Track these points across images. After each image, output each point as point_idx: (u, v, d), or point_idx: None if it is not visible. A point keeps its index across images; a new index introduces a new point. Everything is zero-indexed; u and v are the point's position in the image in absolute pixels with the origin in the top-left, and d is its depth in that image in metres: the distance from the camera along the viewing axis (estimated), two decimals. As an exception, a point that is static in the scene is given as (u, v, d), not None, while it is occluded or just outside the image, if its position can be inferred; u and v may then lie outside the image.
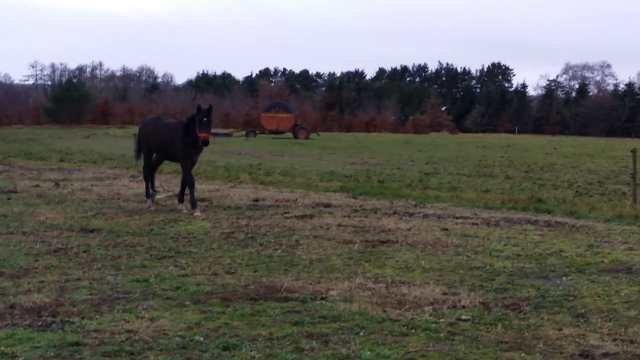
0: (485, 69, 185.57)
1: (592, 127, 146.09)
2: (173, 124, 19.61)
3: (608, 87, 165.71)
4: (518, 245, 14.36)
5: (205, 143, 18.25)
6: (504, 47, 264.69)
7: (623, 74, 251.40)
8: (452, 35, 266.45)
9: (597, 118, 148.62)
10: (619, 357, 7.67)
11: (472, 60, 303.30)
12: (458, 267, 12.12)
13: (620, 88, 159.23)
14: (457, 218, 18.01)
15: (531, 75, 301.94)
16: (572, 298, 10.17)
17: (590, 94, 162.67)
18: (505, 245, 14.21)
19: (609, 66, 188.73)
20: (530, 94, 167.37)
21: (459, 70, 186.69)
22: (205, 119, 18.23)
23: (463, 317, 9.05)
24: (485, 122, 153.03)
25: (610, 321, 9.02)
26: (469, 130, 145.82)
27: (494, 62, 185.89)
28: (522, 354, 7.68)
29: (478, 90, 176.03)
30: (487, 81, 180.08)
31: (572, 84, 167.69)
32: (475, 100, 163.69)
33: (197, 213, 17.82)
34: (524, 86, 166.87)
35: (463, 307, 9.54)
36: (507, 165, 43.01)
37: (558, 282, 11.21)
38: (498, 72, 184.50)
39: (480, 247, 14.02)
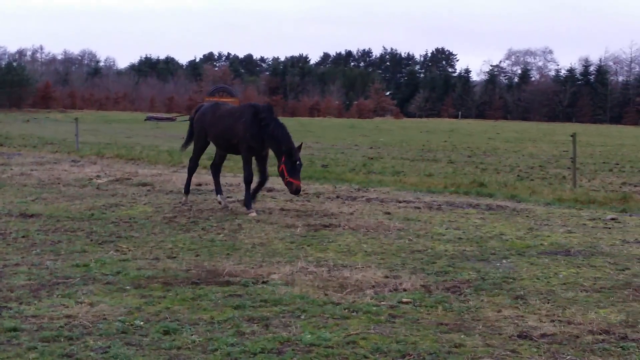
0: (429, 55, 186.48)
1: (534, 112, 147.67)
2: (237, 109, 17.23)
3: (550, 73, 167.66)
4: (459, 228, 14.47)
5: (297, 192, 15.69)
6: (447, 32, 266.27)
7: (564, 60, 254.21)
8: (396, 21, 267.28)
9: (539, 103, 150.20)
10: (556, 337, 7.76)
11: (416, 45, 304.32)
12: (400, 251, 12.18)
13: (561, 73, 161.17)
14: (399, 202, 18.09)
15: (474, 61, 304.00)
16: (511, 280, 10.28)
17: (533, 79, 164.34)
18: (447, 229, 14.30)
19: (550, 52, 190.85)
20: (474, 79, 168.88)
21: (403, 55, 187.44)
22: (298, 162, 15.65)
23: (404, 300, 9.10)
24: (429, 107, 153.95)
25: (548, 302, 9.13)
26: (412, 115, 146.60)
27: (437, 48, 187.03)
28: (462, 336, 7.74)
29: (422, 75, 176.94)
30: (431, 66, 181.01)
31: (515, 69, 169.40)
32: (419, 85, 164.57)
33: (253, 214, 15.75)
34: (467, 71, 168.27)
35: (404, 290, 9.59)
36: (450, 149, 43.28)
37: (498, 264, 11.32)
38: (442, 58, 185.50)
39: (422, 230, 14.09)
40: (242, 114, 16.52)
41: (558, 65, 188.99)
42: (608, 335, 7.87)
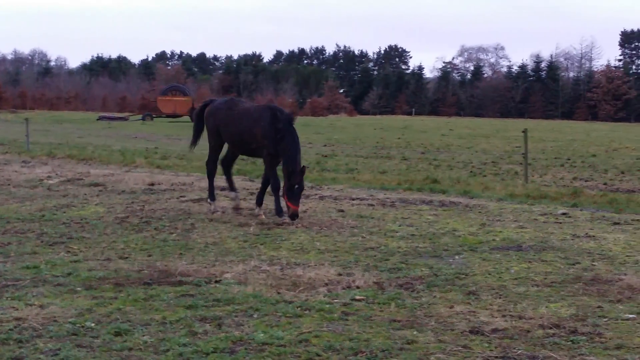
0: (383, 52, 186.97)
1: (487, 109, 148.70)
2: (255, 109, 15.92)
3: (502, 69, 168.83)
4: (412, 225, 14.52)
5: (295, 217, 14.50)
6: (400, 30, 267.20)
7: (516, 56, 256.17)
8: (349, 18, 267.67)
9: (491, 99, 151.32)
10: (507, 332, 7.82)
11: (370, 43, 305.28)
12: (353, 248, 12.20)
13: (513, 70, 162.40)
14: (353, 199, 18.12)
15: (427, 58, 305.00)
16: (464, 276, 10.34)
17: (485, 75, 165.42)
18: (400, 226, 14.35)
19: (502, 48, 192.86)
20: (427, 76, 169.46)
21: (356, 52, 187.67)
22: (297, 186, 14.75)
23: (357, 297, 9.11)
24: (383, 104, 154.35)
25: (500, 298, 9.21)
26: (366, 112, 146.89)
27: (390, 45, 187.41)
28: (415, 332, 7.77)
29: (375, 72, 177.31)
30: (385, 64, 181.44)
31: (467, 66, 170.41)
32: (373, 82, 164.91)
33: (287, 220, 14.66)
34: (420, 69, 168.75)
35: (357, 287, 9.61)
36: (404, 146, 43.43)
37: (451, 260, 11.38)
38: (395, 55, 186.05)
39: (375, 227, 14.13)
40: (261, 117, 15.36)
41: (510, 61, 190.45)
42: (558, 329, 7.95)
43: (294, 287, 9.54)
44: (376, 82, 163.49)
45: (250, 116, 15.56)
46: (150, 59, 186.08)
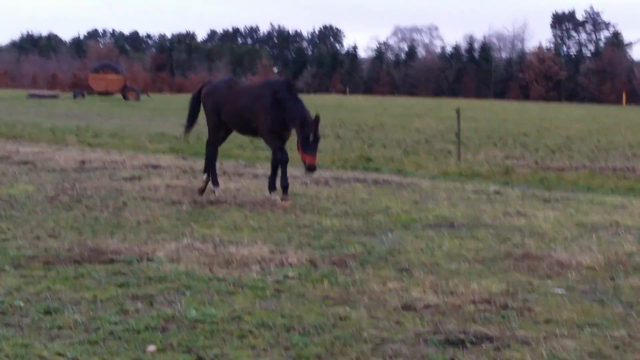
0: (317, 31, 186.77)
1: (420, 88, 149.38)
2: (256, 87, 15.48)
3: (436, 49, 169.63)
4: (346, 203, 14.56)
5: (312, 170, 14.27)
6: (335, 9, 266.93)
7: (450, 37, 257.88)
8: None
9: (425, 79, 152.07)
10: (439, 308, 7.88)
11: (304, 22, 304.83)
12: (286, 226, 12.19)
13: (447, 50, 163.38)
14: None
15: (362, 37, 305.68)
16: (396, 253, 10.40)
17: (419, 55, 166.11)
18: (333, 204, 14.37)
19: (436, 29, 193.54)
20: (361, 55, 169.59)
21: (290, 32, 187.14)
22: (312, 136, 14.15)
23: (290, 274, 9.11)
24: (317, 83, 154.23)
25: (432, 274, 9.27)
26: (301, 91, 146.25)
27: (325, 25, 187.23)
28: (347, 309, 7.79)
29: (310, 52, 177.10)
30: (319, 43, 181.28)
31: (402, 45, 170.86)
32: (307, 61, 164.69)
33: (289, 202, 14.23)
34: (354, 48, 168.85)
35: (290, 264, 9.60)
36: (338, 125, 43.42)
37: (384, 238, 11.43)
38: (329, 34, 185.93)
39: (309, 205, 14.13)
40: (262, 94, 14.73)
41: (444, 42, 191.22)
42: (489, 304, 8.04)
43: (227, 265, 9.49)
44: (310, 62, 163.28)
45: (250, 93, 15.08)
46: (82, 36, 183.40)
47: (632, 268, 9.80)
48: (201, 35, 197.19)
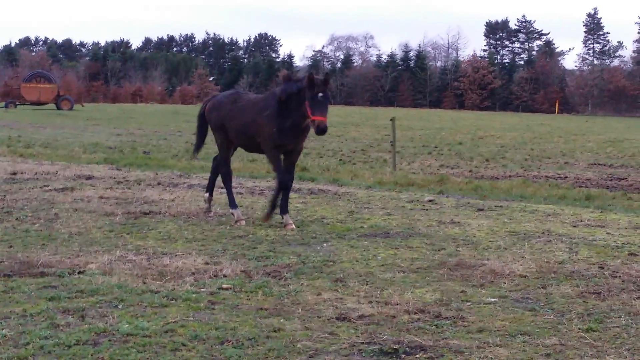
0: (253, 40, 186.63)
1: (357, 97, 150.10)
2: (260, 99, 14.28)
3: (371, 58, 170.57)
4: (281, 213, 14.50)
5: (323, 130, 12.87)
6: (270, 17, 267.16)
7: (385, 45, 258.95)
8: (218, 6, 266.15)
9: (361, 88, 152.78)
10: (374, 318, 7.89)
11: (239, 30, 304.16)
12: (221, 237, 12.12)
13: (383, 59, 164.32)
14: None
15: (298, 46, 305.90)
16: (331, 263, 10.39)
17: (355, 64, 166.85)
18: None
19: (372, 37, 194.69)
20: (297, 64, 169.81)
21: (226, 40, 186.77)
22: (321, 94, 12.96)
23: (224, 286, 9.04)
24: (254, 92, 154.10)
25: (367, 284, 9.28)
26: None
27: (260, 33, 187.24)
28: (281, 320, 7.76)
29: (246, 60, 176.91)
30: (255, 52, 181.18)
31: (337, 54, 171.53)
32: (243, 70, 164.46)
33: (291, 226, 13.20)
34: (290, 57, 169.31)
35: (224, 276, 9.53)
36: (274, 134, 43.31)
37: (319, 248, 11.42)
38: (265, 43, 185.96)
39: (243, 216, 14.05)
40: (267, 105, 13.71)
41: (379, 50, 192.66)
42: (423, 314, 8.07)
43: (161, 277, 9.39)
44: (246, 70, 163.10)
45: (254, 106, 14.01)
46: (13, 44, 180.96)
47: (563, 276, 9.91)
48: (136, 43, 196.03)
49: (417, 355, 6.86)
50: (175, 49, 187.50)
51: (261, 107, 13.82)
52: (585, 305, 8.58)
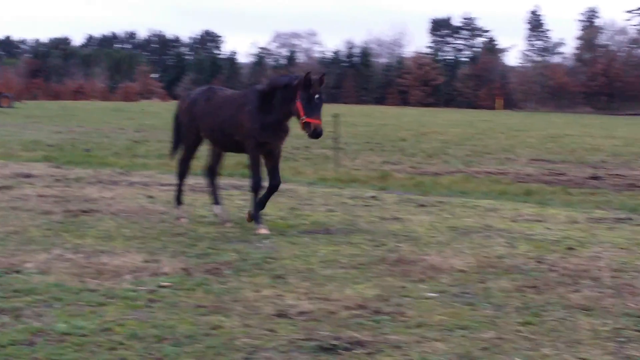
0: (196, 37, 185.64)
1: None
2: (239, 95, 13.54)
3: (316, 55, 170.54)
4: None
5: (319, 134, 12.50)
6: (214, 14, 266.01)
7: (330, 42, 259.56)
8: (161, 2, 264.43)
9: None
10: (313, 314, 7.89)
11: (183, 27, 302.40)
12: (161, 235, 12.02)
13: (327, 56, 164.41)
14: (163, 185, 17.88)
15: (242, 43, 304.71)
16: (272, 260, 10.36)
17: (299, 61, 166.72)
18: (209, 211, 14.23)
19: (316, 34, 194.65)
20: (241, 61, 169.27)
21: (169, 37, 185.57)
22: (317, 95, 12.42)
23: (163, 284, 8.97)
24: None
25: (307, 281, 9.27)
26: (177, 98, 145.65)
27: (204, 30, 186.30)
28: (220, 317, 7.72)
29: (189, 57, 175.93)
30: (198, 49, 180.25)
31: (281, 51, 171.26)
32: (187, 67, 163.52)
33: (264, 230, 12.51)
34: (234, 53, 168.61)
35: (164, 274, 9.46)
36: (217, 132, 43.16)
37: (259, 245, 11.39)
38: (209, 40, 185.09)
39: (185, 213, 13.96)
40: (247, 101, 12.96)
41: (323, 47, 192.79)
42: (363, 309, 8.09)
43: (99, 276, 9.29)
44: (190, 67, 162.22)
45: (233, 102, 13.24)
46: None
47: (502, 270, 10.01)
48: (78, 40, 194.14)
49: (356, 351, 6.87)
50: (117, 45, 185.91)
51: (241, 103, 13.06)
52: (523, 299, 8.67)
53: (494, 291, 8.98)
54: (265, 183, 13.09)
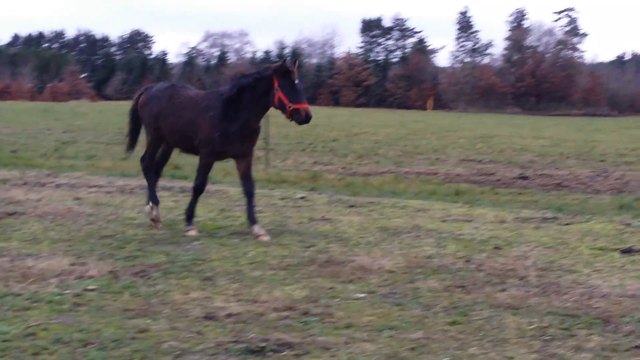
0: (126, 36, 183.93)
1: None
2: (202, 98, 12.94)
3: (247, 55, 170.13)
4: (151, 212, 14.29)
5: (309, 118, 12.03)
6: (144, 14, 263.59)
7: (261, 42, 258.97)
8: (89, 2, 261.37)
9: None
10: (241, 316, 7.85)
11: (112, 27, 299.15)
12: (88, 237, 11.85)
13: (258, 56, 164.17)
14: (91, 187, 17.66)
15: (172, 43, 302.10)
16: (201, 262, 10.29)
17: (230, 61, 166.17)
18: (138, 213, 14.10)
19: (247, 34, 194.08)
20: (172, 61, 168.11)
21: (98, 37, 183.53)
22: (297, 80, 12.06)
23: (90, 287, 8.85)
24: (127, 90, 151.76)
25: (236, 282, 9.23)
26: (110, 98, 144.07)
27: (134, 30, 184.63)
28: (148, 320, 7.64)
29: (118, 57, 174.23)
30: (128, 48, 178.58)
31: (213, 51, 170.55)
32: (116, 67, 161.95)
33: (193, 232, 12.34)
34: (164, 53, 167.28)
35: (91, 277, 9.33)
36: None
37: (188, 247, 11.31)
38: (138, 40, 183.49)
39: (112, 215, 13.82)
40: (210, 106, 12.49)
41: (255, 47, 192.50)
42: (291, 311, 8.08)
43: (24, 279, 9.12)
44: (119, 67, 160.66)
45: (195, 105, 12.70)
46: None
47: (431, 270, 10.08)
48: (4, 39, 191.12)
49: (284, 353, 6.85)
50: (45, 45, 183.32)
51: (203, 107, 12.56)
52: (451, 298, 8.74)
53: (423, 291, 9.03)
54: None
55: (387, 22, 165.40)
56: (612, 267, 10.53)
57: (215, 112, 12.31)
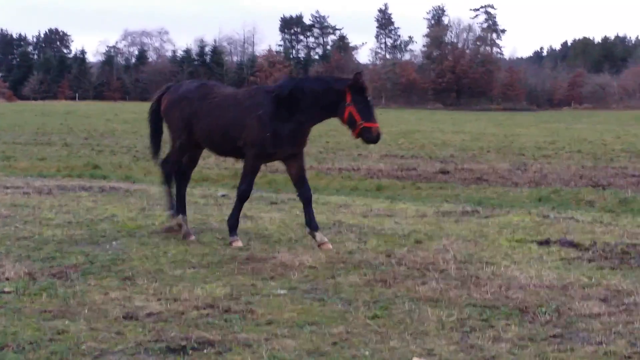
0: (42, 35, 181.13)
1: (153, 92, 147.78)
2: (245, 96, 11.89)
3: (167, 53, 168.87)
4: (70, 212, 14.12)
5: (379, 137, 11.29)
6: (60, 12, 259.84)
7: (181, 40, 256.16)
8: (4, 0, 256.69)
9: (157, 83, 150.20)
10: (162, 315, 7.80)
11: (28, 26, 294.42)
12: (5, 239, 11.62)
13: (178, 54, 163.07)
14: (7, 188, 17.34)
15: (90, 42, 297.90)
16: (120, 262, 10.19)
17: (150, 60, 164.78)
18: (56, 214, 13.89)
19: (166, 32, 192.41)
20: (90, 60, 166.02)
21: (14, 36, 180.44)
22: (369, 97, 11.31)
23: (6, 289, 8.70)
24: (45, 89, 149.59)
25: (156, 281, 9.16)
26: (27, 98, 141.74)
27: (51, 28, 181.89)
28: (66, 322, 7.54)
29: (35, 57, 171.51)
30: (45, 47, 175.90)
31: (132, 50, 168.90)
32: (33, 67, 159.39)
33: (238, 243, 11.48)
34: (83, 53, 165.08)
35: (7, 279, 9.18)
36: (67, 132, 42.35)
37: (108, 247, 11.19)
38: (56, 39, 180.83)
39: (30, 216, 13.57)
40: (257, 104, 11.51)
41: (175, 46, 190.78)
42: (213, 309, 8.05)
43: (-63, 284, 8.93)
44: (36, 67, 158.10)
45: (238, 104, 11.68)
46: None
47: (352, 266, 10.12)
48: None
49: (205, 351, 6.82)
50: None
51: (249, 105, 11.55)
52: (372, 293, 8.79)
53: (344, 286, 9.07)
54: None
55: (307, 20, 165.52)
56: (529, 259, 10.69)
57: (264, 110, 11.39)
